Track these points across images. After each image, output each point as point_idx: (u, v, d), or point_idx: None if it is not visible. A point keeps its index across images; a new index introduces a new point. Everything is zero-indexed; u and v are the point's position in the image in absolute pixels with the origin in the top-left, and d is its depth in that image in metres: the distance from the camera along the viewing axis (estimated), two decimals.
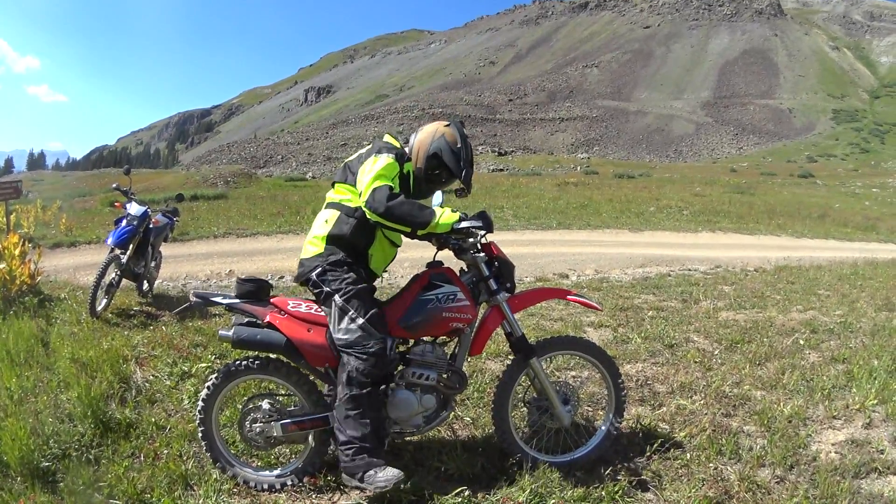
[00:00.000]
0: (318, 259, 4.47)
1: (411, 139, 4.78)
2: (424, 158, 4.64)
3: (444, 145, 4.61)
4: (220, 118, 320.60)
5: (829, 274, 14.28)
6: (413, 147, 4.71)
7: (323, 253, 4.48)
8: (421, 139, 4.70)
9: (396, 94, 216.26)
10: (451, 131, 4.68)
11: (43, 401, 5.40)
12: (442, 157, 4.59)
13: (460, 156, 4.61)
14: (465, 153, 4.63)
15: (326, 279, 4.40)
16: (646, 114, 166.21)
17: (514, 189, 36.56)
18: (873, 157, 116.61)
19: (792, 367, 7.06)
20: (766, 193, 44.78)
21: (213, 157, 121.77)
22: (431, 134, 4.68)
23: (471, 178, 4.71)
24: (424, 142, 4.67)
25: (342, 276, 4.39)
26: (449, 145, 4.61)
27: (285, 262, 13.45)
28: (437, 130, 4.69)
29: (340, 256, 4.45)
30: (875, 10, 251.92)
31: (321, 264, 4.44)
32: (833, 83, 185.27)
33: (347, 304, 4.31)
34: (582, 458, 4.76)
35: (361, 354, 4.19)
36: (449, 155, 4.59)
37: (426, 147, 4.64)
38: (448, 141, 4.62)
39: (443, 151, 4.59)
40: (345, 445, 4.16)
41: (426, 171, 4.66)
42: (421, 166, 4.66)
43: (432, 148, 4.62)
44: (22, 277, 8.90)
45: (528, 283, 11.98)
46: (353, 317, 4.28)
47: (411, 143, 4.75)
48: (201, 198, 27.85)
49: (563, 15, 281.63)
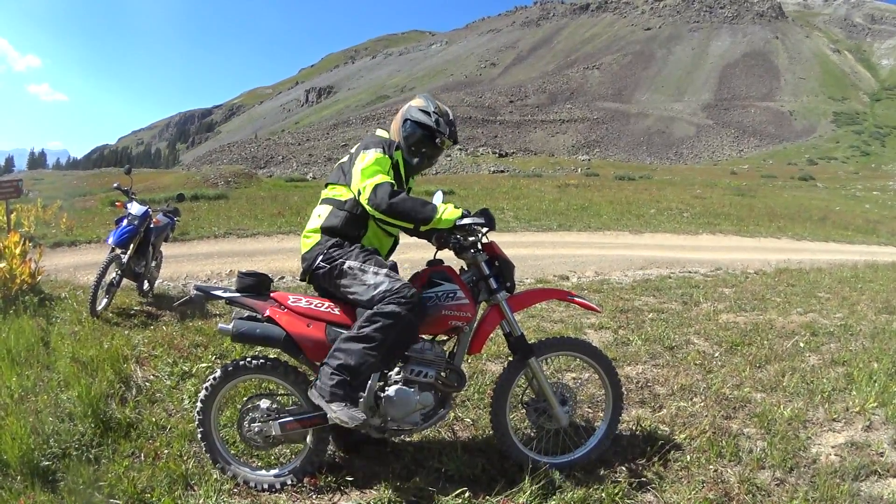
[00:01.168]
0: (318, 247, 4.52)
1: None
2: (400, 130, 4.74)
3: (412, 110, 4.73)
4: (221, 118, 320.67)
5: (829, 277, 14.28)
6: (392, 131, 4.81)
7: (321, 241, 4.53)
8: (395, 120, 4.82)
9: (397, 94, 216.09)
10: (417, 98, 4.83)
11: (43, 400, 5.40)
12: (414, 118, 4.69)
13: (428, 111, 4.70)
14: (434, 108, 4.73)
15: (333, 256, 4.43)
16: (647, 116, 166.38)
17: (514, 190, 36.61)
18: (874, 160, 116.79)
19: (792, 370, 7.06)
20: (767, 196, 44.82)
21: (214, 157, 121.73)
22: (402, 111, 4.79)
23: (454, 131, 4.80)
24: (397, 120, 4.79)
25: (347, 250, 4.45)
26: (416, 107, 4.73)
27: (286, 263, 13.45)
28: (407, 105, 4.82)
29: (338, 240, 4.50)
30: (876, 13, 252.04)
31: (322, 250, 4.48)
32: (834, 86, 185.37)
33: (365, 263, 4.36)
34: (581, 459, 4.76)
35: (400, 299, 4.17)
36: (418, 113, 4.70)
37: (399, 120, 4.77)
38: (414, 105, 4.76)
39: (412, 114, 4.70)
40: (334, 371, 4.13)
41: (407, 143, 4.73)
42: (400, 140, 4.73)
43: (402, 117, 4.74)
44: (22, 276, 8.90)
45: (528, 284, 11.98)
46: (375, 271, 4.32)
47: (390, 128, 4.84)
48: (202, 198, 27.88)
49: (564, 16, 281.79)
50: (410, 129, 4.69)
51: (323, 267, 4.44)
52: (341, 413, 4.05)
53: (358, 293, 4.32)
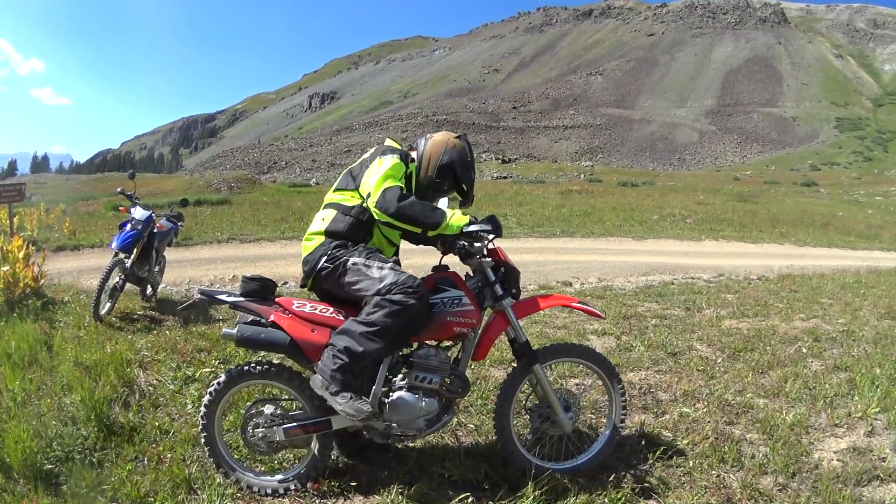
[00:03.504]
0: (321, 248, 4.51)
1: (420, 145, 4.83)
2: (436, 167, 4.69)
3: (457, 157, 4.70)
4: (224, 123, 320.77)
5: (831, 282, 14.28)
6: (423, 154, 4.76)
7: (324, 243, 4.52)
8: (432, 149, 4.75)
9: (400, 100, 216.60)
10: (461, 144, 4.79)
11: (46, 403, 5.39)
12: (455, 168, 4.68)
13: (470, 168, 4.73)
14: (472, 166, 4.79)
15: (337, 255, 4.43)
16: (649, 122, 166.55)
17: (517, 196, 36.61)
18: (876, 166, 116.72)
19: (794, 376, 7.05)
20: (770, 202, 44.83)
21: (217, 162, 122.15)
22: (443, 144, 4.74)
23: (473, 190, 4.85)
24: (436, 151, 4.73)
25: (351, 248, 4.46)
26: (461, 158, 4.72)
27: (289, 268, 13.46)
28: (449, 142, 4.76)
29: (341, 241, 4.50)
30: (879, 18, 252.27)
31: (326, 250, 4.48)
32: (836, 91, 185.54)
33: (369, 259, 4.38)
34: (584, 465, 4.75)
35: (407, 288, 4.18)
36: (461, 168, 4.70)
37: (438, 156, 4.71)
38: (461, 154, 4.72)
39: (455, 164, 4.68)
40: (338, 353, 4.13)
41: (433, 177, 4.70)
42: (431, 174, 4.70)
43: (445, 158, 4.69)
44: (26, 280, 8.92)
45: (531, 290, 11.98)
46: (380, 266, 4.33)
47: (420, 149, 4.79)
48: (205, 203, 27.94)
49: (567, 22, 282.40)
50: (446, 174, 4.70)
51: (327, 267, 4.44)
52: (347, 406, 4.06)
53: (364, 287, 4.31)
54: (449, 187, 4.77)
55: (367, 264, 4.34)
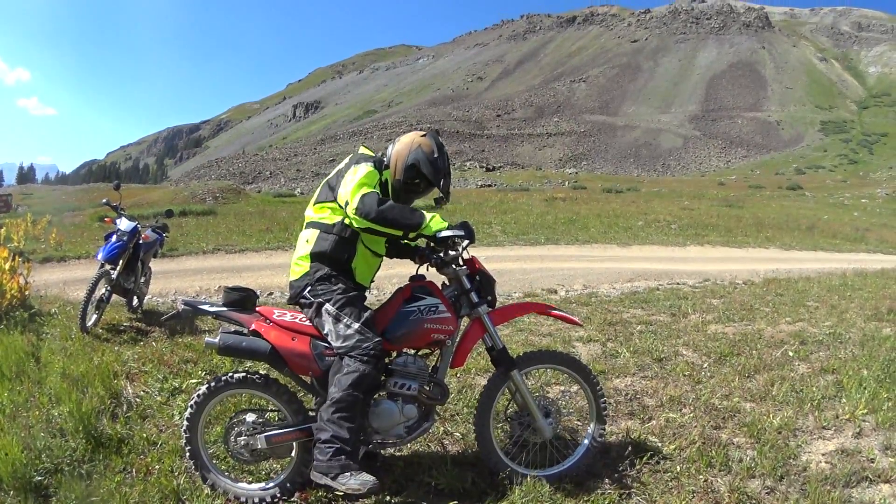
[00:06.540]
0: (306, 277, 4.55)
1: (389, 150, 4.83)
2: (403, 169, 4.69)
3: (422, 156, 4.67)
4: (208, 133, 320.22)
5: (817, 285, 14.32)
6: (391, 158, 4.76)
7: (309, 271, 4.55)
8: (398, 150, 4.76)
9: (385, 109, 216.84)
10: (427, 141, 4.75)
11: (35, 415, 5.38)
12: (420, 167, 4.65)
13: (437, 165, 4.69)
14: (441, 162, 4.71)
15: (317, 292, 4.46)
16: (633, 128, 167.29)
17: (502, 205, 36.64)
18: (862, 168, 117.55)
19: (781, 379, 7.07)
20: (755, 206, 45.06)
21: (202, 172, 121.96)
22: (408, 145, 4.74)
23: (449, 186, 4.81)
24: (402, 153, 4.73)
25: (331, 287, 4.46)
26: (426, 155, 4.67)
27: (274, 279, 13.46)
28: (414, 141, 4.75)
29: (326, 271, 4.51)
30: (863, 21, 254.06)
31: (309, 281, 4.52)
32: (821, 94, 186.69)
33: (341, 312, 4.39)
34: (568, 471, 4.77)
35: (363, 356, 4.24)
36: (427, 165, 4.65)
37: (404, 158, 4.70)
38: (425, 151, 4.68)
39: (420, 162, 4.65)
40: (326, 444, 4.16)
41: (405, 181, 4.72)
42: (399, 177, 4.71)
43: (410, 159, 4.68)
44: (12, 292, 8.88)
45: (516, 298, 12.00)
46: (347, 323, 4.34)
47: (389, 153, 4.80)
48: (190, 213, 27.90)
49: (550, 30, 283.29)
50: (414, 174, 4.69)
51: (307, 299, 4.52)
52: (352, 484, 4.08)
53: (328, 335, 4.44)
54: (425, 187, 4.77)
55: (338, 317, 4.39)
